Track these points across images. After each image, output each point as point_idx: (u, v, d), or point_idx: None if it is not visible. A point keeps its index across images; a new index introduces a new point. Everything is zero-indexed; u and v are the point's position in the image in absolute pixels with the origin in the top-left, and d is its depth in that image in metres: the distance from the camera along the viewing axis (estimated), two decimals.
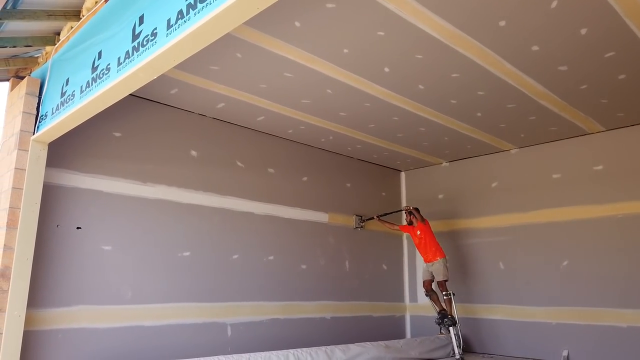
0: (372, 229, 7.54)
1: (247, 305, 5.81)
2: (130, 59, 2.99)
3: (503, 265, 6.91)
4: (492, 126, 6.18)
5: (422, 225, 6.64)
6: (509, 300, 6.75)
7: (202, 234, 5.54)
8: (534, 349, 6.40)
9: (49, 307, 4.35)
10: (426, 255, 6.60)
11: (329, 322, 6.67)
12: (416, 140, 6.75)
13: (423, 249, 6.63)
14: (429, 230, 6.65)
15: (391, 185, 8.23)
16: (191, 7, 2.49)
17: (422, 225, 6.64)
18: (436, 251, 6.52)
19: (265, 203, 6.26)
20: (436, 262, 6.46)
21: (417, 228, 6.71)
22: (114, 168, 4.97)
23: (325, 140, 6.76)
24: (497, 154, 7.23)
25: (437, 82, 4.92)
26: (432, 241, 6.57)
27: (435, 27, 3.93)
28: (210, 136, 5.83)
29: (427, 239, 6.58)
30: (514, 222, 6.88)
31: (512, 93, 5.14)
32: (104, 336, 4.63)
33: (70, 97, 3.68)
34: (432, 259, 6.51)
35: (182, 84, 4.97)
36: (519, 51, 4.31)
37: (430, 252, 6.52)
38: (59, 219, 4.53)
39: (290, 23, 3.91)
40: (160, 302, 5.06)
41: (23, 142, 4.18)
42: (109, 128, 4.98)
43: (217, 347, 5.36)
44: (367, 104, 5.48)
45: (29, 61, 4.70)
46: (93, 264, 4.68)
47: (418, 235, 6.69)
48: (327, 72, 4.70)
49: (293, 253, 6.47)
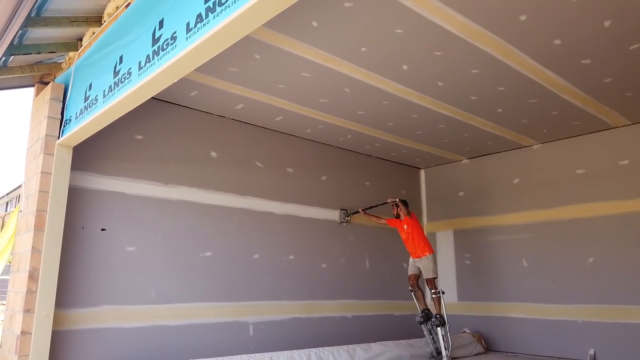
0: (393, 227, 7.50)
1: (268, 304, 5.84)
2: (150, 63, 3.03)
3: (526, 263, 6.80)
4: (513, 122, 6.09)
5: (409, 219, 6.24)
6: (532, 298, 6.64)
7: (223, 234, 5.59)
8: (559, 347, 6.29)
9: (75, 307, 4.44)
10: (414, 250, 6.17)
11: (350, 321, 6.66)
12: (436, 137, 6.68)
13: (410, 243, 6.21)
14: (417, 224, 6.28)
15: (411, 183, 8.17)
16: (210, 11, 2.51)
17: (409, 219, 6.24)
18: (424, 246, 6.11)
19: (284, 203, 6.28)
20: (424, 258, 6.07)
21: (404, 222, 6.29)
22: (137, 170, 5.05)
23: (343, 139, 6.75)
24: (519, 150, 7.12)
25: (456, 78, 4.86)
26: (419, 236, 6.17)
27: (454, 23, 3.89)
28: (229, 137, 5.88)
29: (415, 234, 6.17)
30: (537, 218, 6.77)
31: (534, 88, 5.05)
32: (129, 335, 4.71)
33: (94, 102, 3.74)
34: (420, 254, 6.11)
35: (202, 86, 5.02)
36: (541, 45, 4.24)
37: (419, 247, 6.12)
38: (84, 221, 4.63)
39: (308, 23, 3.91)
40: (183, 302, 5.13)
41: (48, 146, 4.28)
42: (131, 131, 5.06)
43: (239, 346, 5.41)
44: (386, 102, 5.45)
45: (52, 67, 4.81)
46: (118, 264, 4.77)
47: (405, 230, 6.27)
48: (345, 71, 4.69)
49: (313, 252, 6.48)
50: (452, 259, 7.66)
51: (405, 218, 6.26)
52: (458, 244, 7.65)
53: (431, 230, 8.05)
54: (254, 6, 2.24)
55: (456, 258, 7.62)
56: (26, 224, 4.33)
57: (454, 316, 7.18)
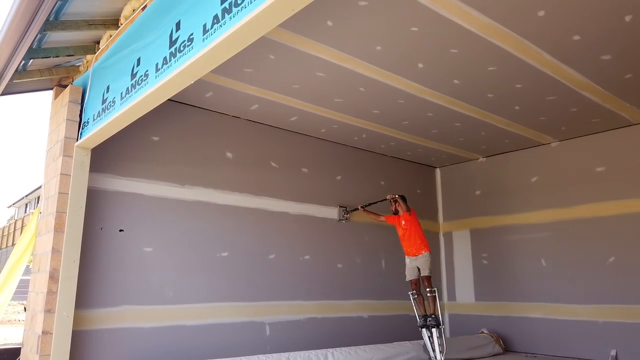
0: None
1: (284, 304, 5.85)
2: (167, 65, 3.04)
3: (545, 263, 6.71)
4: (531, 119, 6.00)
5: (407, 215, 5.95)
6: (552, 298, 6.54)
7: (239, 234, 5.61)
8: (579, 348, 6.18)
9: (95, 307, 4.49)
10: (410, 248, 5.87)
11: (366, 321, 6.64)
12: (451, 135, 6.63)
13: (407, 241, 5.91)
14: (415, 221, 5.98)
15: (426, 182, 8.12)
16: (226, 12, 2.51)
17: (408, 215, 5.95)
18: (421, 244, 5.83)
19: (299, 203, 6.28)
20: (421, 256, 5.79)
21: (402, 218, 6.01)
22: (153, 171, 5.09)
23: (358, 138, 6.72)
24: (537, 147, 7.02)
25: (473, 76, 4.81)
26: (417, 233, 5.87)
27: (471, 20, 3.84)
28: (244, 138, 5.90)
29: (412, 231, 5.88)
30: (556, 217, 6.66)
31: (552, 85, 4.98)
32: (147, 335, 4.75)
33: (111, 104, 3.78)
34: (416, 252, 5.81)
35: (217, 87, 5.04)
36: (559, 41, 4.17)
37: (415, 245, 5.83)
38: (102, 222, 4.68)
39: (323, 22, 3.90)
40: (200, 302, 5.16)
41: (67, 148, 4.33)
42: (148, 132, 5.11)
43: (256, 346, 5.42)
44: (401, 101, 5.41)
45: (71, 70, 4.87)
46: (135, 265, 4.81)
47: (402, 226, 5.98)
48: (360, 70, 4.67)
49: (329, 252, 6.47)
50: (469, 259, 7.59)
51: (403, 214, 6.00)
52: (475, 244, 7.57)
53: (447, 230, 7.99)
54: (270, 6, 2.23)
55: (473, 258, 7.55)
56: (46, 225, 4.39)
57: (472, 316, 7.12)
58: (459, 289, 7.63)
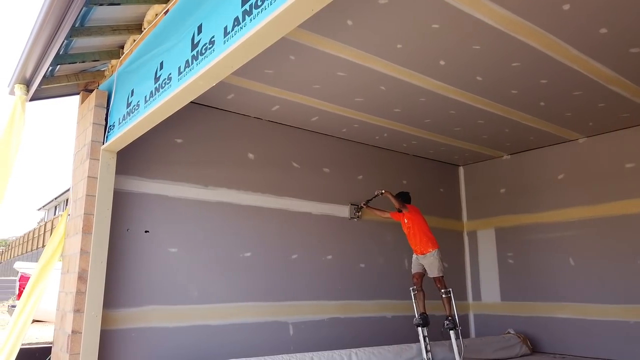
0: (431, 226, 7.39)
1: (307, 304, 5.86)
2: (190, 68, 3.08)
3: (573, 261, 6.56)
4: (556, 115, 5.87)
5: (408, 213, 5.72)
6: (581, 298, 6.39)
7: (261, 234, 5.64)
8: (609, 349, 6.03)
9: (122, 307, 4.58)
10: (416, 246, 5.65)
11: (389, 321, 6.60)
12: (475, 133, 6.53)
13: (412, 239, 5.68)
14: (418, 217, 5.72)
15: (449, 181, 8.02)
16: (247, 14, 2.52)
17: (408, 212, 5.72)
18: (427, 242, 5.56)
19: (321, 203, 6.28)
20: (428, 255, 5.53)
21: (404, 215, 5.76)
22: (177, 173, 5.16)
23: (379, 137, 6.69)
24: (563, 144, 6.87)
25: (496, 72, 4.73)
26: (421, 230, 5.63)
27: (493, 15, 3.78)
28: (266, 138, 5.93)
29: (416, 229, 5.63)
30: (584, 215, 6.51)
31: (579, 79, 4.86)
32: (173, 335, 4.82)
33: (136, 107, 3.85)
34: (423, 251, 5.57)
35: (239, 89, 5.08)
36: (585, 35, 4.07)
37: (421, 242, 5.59)
38: (128, 224, 4.77)
39: (343, 22, 3.89)
40: (224, 302, 5.21)
41: (94, 151, 4.42)
42: (171, 135, 5.18)
43: (280, 345, 5.45)
44: (423, 99, 5.36)
45: (96, 75, 4.97)
46: (161, 265, 4.89)
47: (406, 224, 5.76)
48: (381, 68, 4.65)
49: (351, 252, 6.46)
50: (494, 258, 7.47)
51: (404, 212, 5.75)
52: (500, 243, 7.45)
53: (471, 229, 7.89)
54: (290, 7, 2.23)
55: (498, 257, 7.43)
56: (74, 227, 4.50)
57: (497, 316, 7.01)
58: (484, 289, 7.52)
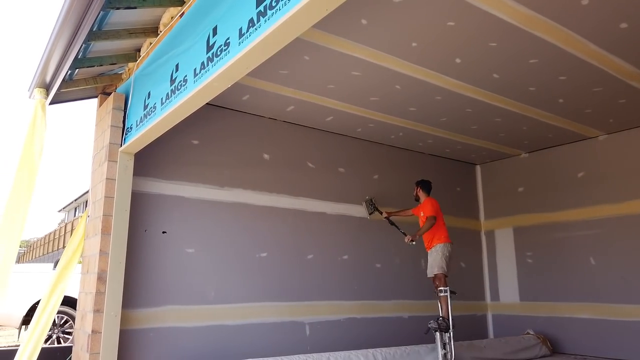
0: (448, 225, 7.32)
1: (323, 304, 5.85)
2: (205, 70, 3.10)
3: (594, 261, 6.44)
4: (576, 112, 5.77)
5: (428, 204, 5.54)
6: (602, 298, 6.27)
7: (277, 235, 5.66)
8: (631, 350, 5.89)
9: (140, 307, 4.63)
10: (425, 242, 5.48)
11: (407, 321, 6.56)
12: (492, 131, 6.45)
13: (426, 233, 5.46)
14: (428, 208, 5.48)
15: (466, 180, 7.94)
16: (262, 15, 2.53)
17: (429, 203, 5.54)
18: (433, 236, 5.36)
19: (337, 203, 6.27)
20: (432, 250, 5.37)
21: (422, 208, 5.60)
22: (194, 174, 5.20)
23: (395, 137, 6.65)
24: (583, 141, 6.75)
25: (513, 69, 4.67)
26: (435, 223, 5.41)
27: (510, 12, 3.73)
28: (281, 139, 5.94)
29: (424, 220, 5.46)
30: (605, 213, 6.38)
31: (598, 75, 4.77)
32: (190, 335, 4.86)
33: (152, 110, 3.89)
34: (429, 245, 5.42)
35: (253, 90, 5.10)
36: (605, 30, 3.99)
37: (428, 236, 5.40)
38: (146, 224, 4.82)
39: (357, 21, 3.88)
40: (240, 302, 5.23)
41: (112, 153, 4.48)
42: (187, 136, 5.22)
43: (296, 345, 5.45)
44: (438, 97, 5.32)
45: (114, 78, 5.04)
46: (178, 266, 4.93)
47: (422, 217, 5.54)
48: (396, 67, 4.62)
49: (367, 252, 6.43)
50: (513, 258, 7.37)
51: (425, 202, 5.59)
52: (519, 242, 7.35)
53: (489, 228, 7.80)
54: (304, 7, 2.23)
55: (517, 256, 7.33)
56: (94, 228, 4.56)
57: (516, 317, 6.92)
58: (502, 289, 7.43)
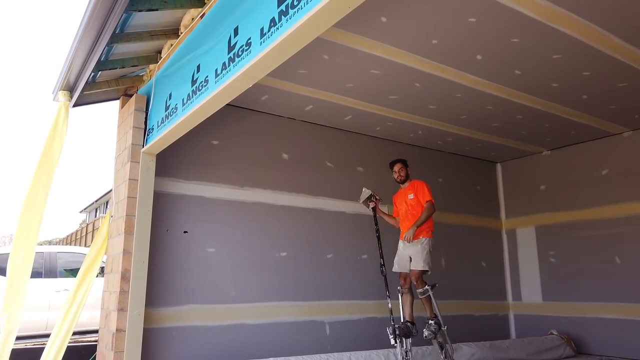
0: (468, 224, 7.24)
1: (343, 304, 5.84)
2: (226, 70, 3.12)
3: (619, 260, 6.30)
4: (600, 108, 5.66)
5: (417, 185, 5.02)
6: (628, 298, 6.13)
7: (296, 234, 5.67)
8: None
9: (163, 306, 4.68)
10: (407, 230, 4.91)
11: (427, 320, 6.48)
12: (513, 129, 6.36)
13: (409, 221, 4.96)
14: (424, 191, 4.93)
15: (486, 178, 7.84)
16: (283, 14, 2.53)
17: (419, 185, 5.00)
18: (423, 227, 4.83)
19: (356, 202, 6.23)
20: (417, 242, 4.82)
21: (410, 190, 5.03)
22: (214, 174, 5.24)
23: (414, 135, 6.61)
24: (607, 138, 6.61)
25: (535, 65, 4.59)
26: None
27: (532, 6, 3.67)
28: (299, 138, 5.95)
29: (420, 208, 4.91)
30: (631, 211, 6.24)
31: (624, 70, 4.66)
32: (212, 333, 4.90)
33: (174, 110, 3.92)
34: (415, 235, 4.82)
35: (273, 90, 5.11)
36: (631, 23, 3.90)
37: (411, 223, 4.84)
38: (168, 224, 4.87)
39: (377, 19, 3.86)
40: (261, 301, 5.26)
41: (134, 154, 4.54)
42: (208, 137, 5.27)
43: (316, 345, 5.45)
44: (458, 95, 5.26)
45: (135, 80, 5.11)
46: (199, 265, 4.97)
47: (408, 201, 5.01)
48: (415, 65, 4.58)
49: (386, 251, 6.38)
50: (535, 257, 7.26)
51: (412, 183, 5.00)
52: (541, 241, 7.23)
53: (510, 227, 7.69)
54: (326, 5, 2.22)
55: (539, 256, 7.21)
56: (117, 228, 4.63)
57: (540, 317, 6.81)
58: (524, 289, 7.32)
